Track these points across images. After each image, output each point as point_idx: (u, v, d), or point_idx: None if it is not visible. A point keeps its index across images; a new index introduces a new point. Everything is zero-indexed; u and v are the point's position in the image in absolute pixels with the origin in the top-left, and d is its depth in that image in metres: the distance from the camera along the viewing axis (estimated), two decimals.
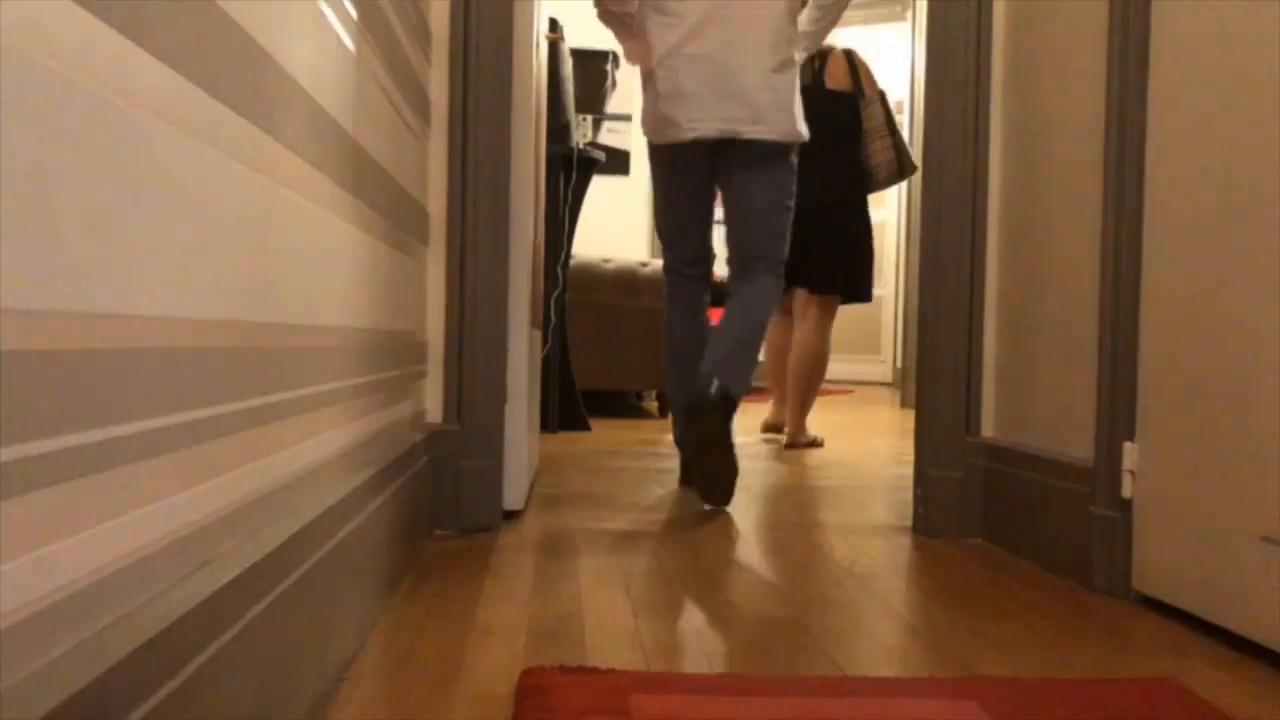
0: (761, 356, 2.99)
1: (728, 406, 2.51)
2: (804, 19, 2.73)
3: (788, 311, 3.95)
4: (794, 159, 2.79)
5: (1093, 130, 1.86)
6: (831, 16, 2.74)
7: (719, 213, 2.86)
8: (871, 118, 3.72)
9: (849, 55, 3.79)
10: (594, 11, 2.82)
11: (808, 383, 3.86)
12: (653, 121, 2.74)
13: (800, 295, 3.88)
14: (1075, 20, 1.94)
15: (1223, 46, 1.52)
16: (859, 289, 3.87)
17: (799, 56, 2.74)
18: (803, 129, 2.73)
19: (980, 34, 2.23)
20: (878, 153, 3.70)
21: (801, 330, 3.87)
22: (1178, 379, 1.61)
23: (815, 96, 3.59)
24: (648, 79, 2.75)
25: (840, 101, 3.73)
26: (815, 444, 3.96)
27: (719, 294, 3.05)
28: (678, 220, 2.85)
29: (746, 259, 2.77)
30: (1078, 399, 1.90)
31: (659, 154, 2.80)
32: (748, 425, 4.49)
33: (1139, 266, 1.73)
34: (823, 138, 3.51)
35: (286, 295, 1.06)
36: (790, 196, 2.79)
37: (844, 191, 3.76)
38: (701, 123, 2.64)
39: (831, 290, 3.84)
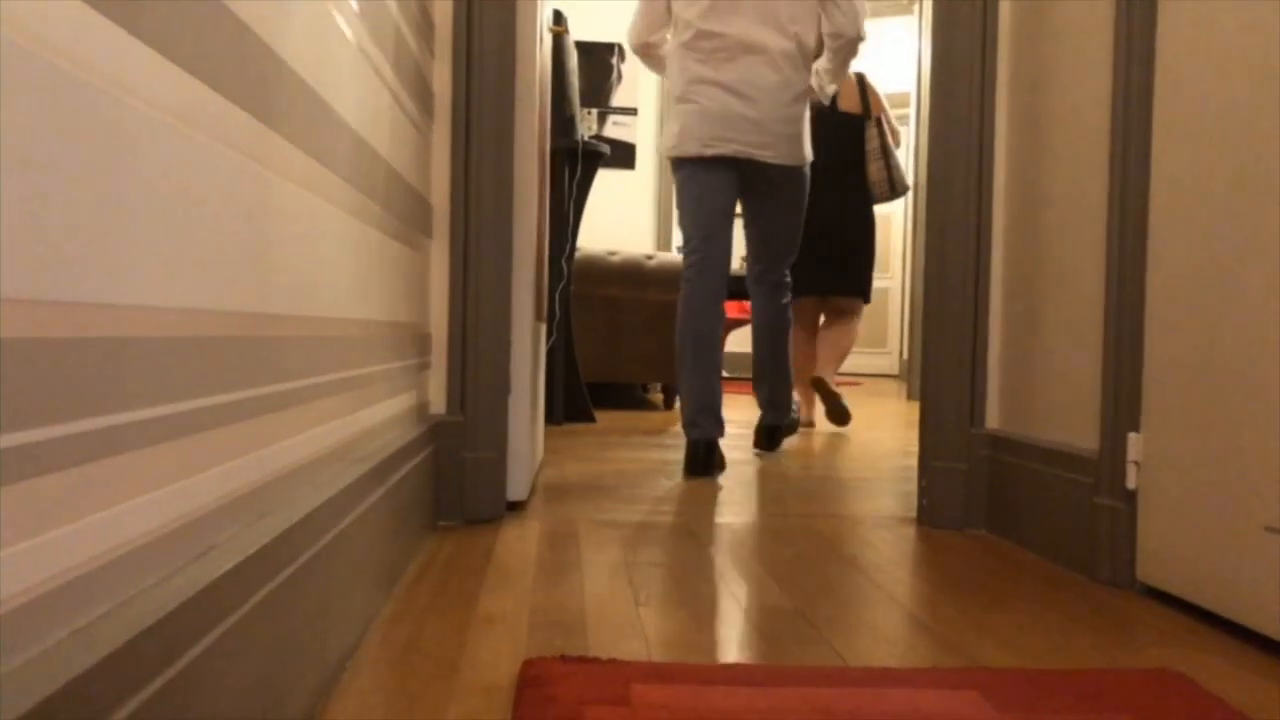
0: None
1: (785, 429, 3.57)
2: (819, 63, 3.13)
3: (807, 326, 4.26)
4: (806, 173, 3.21)
5: (1098, 123, 1.85)
6: (841, 58, 3.13)
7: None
8: (870, 140, 4.11)
9: (860, 79, 4.16)
10: (599, 4, 2.90)
11: (835, 354, 4.17)
12: (677, 137, 3.08)
13: (815, 302, 4.23)
14: (1081, 17, 1.93)
15: (1228, 42, 1.52)
16: (864, 289, 4.24)
17: (829, 90, 3.20)
18: (808, 153, 3.17)
19: (985, 31, 2.23)
20: (873, 173, 4.10)
21: (835, 328, 4.18)
22: (1182, 370, 1.61)
23: (828, 118, 4.03)
24: (677, 103, 3.11)
25: (851, 123, 4.11)
26: (808, 425, 4.33)
27: (731, 288, 3.28)
28: (698, 204, 3.10)
29: (760, 270, 3.31)
30: (1082, 390, 1.90)
31: (683, 162, 3.12)
32: (749, 418, 4.49)
33: (1144, 258, 1.72)
34: (836, 157, 4.03)
35: (287, 286, 1.06)
36: (800, 212, 3.27)
37: (855, 206, 4.15)
38: (722, 143, 3.02)
39: (853, 293, 4.19)
